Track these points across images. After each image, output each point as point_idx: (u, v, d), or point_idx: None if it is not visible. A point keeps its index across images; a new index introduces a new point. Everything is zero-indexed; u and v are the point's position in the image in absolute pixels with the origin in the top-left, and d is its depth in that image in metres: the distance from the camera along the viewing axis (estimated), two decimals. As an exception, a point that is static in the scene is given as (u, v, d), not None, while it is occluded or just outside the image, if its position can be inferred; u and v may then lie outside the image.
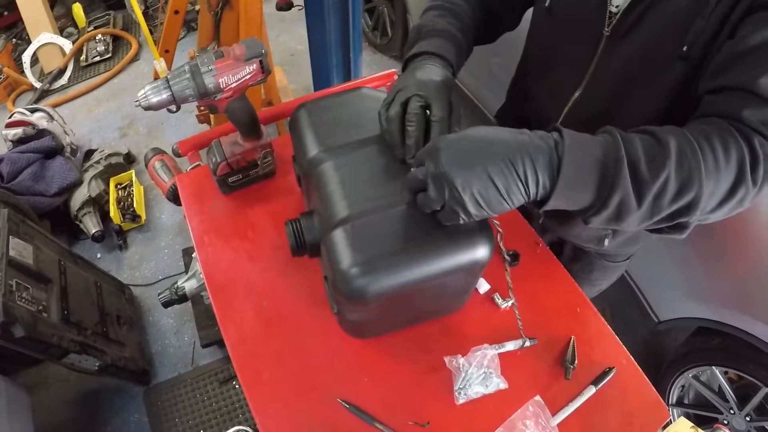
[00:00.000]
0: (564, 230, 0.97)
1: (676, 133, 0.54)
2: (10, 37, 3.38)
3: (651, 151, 0.52)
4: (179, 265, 2.20)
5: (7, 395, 1.52)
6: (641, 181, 0.51)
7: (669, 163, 0.51)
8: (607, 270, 1.05)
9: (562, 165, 0.50)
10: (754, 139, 0.53)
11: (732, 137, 0.53)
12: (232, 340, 0.77)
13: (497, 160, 0.50)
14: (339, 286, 0.59)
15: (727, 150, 0.53)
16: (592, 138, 0.54)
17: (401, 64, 0.77)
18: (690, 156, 0.52)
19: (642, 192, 0.52)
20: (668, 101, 0.71)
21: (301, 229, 0.67)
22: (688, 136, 0.53)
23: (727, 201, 0.55)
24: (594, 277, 1.06)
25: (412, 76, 0.67)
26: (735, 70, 0.57)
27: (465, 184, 0.50)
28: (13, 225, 1.51)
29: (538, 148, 0.51)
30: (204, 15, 1.78)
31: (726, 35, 0.61)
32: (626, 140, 0.53)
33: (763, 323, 1.24)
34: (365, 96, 0.76)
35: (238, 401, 1.80)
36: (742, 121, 0.54)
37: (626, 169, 0.51)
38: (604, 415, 0.72)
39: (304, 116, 0.73)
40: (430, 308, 0.76)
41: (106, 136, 2.81)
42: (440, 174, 0.51)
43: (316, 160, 0.67)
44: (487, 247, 0.60)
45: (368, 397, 0.73)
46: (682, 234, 0.59)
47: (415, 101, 0.63)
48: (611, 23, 0.71)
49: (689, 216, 0.55)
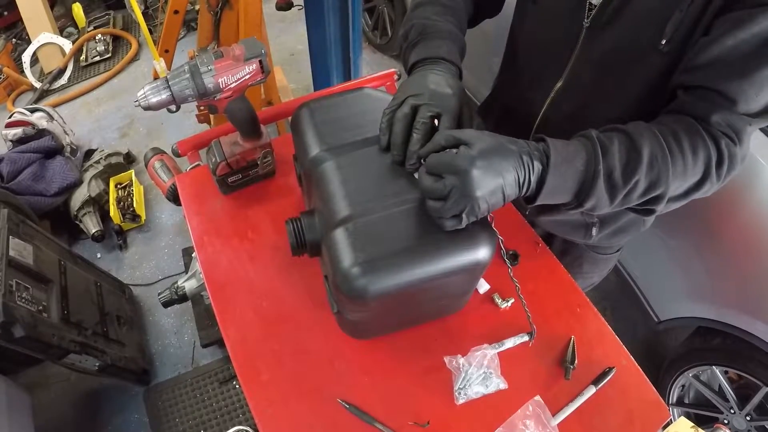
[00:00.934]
0: (546, 221, 0.99)
1: (651, 138, 0.60)
2: (10, 37, 3.38)
3: (626, 158, 0.60)
4: (179, 265, 2.20)
5: (7, 395, 1.52)
6: (614, 186, 0.60)
7: (641, 169, 0.59)
8: (597, 262, 1.06)
9: (548, 176, 0.58)
10: (721, 141, 0.61)
11: (701, 139, 0.60)
12: (232, 340, 0.77)
13: (510, 177, 0.57)
14: (340, 285, 0.59)
15: (695, 153, 0.60)
16: (576, 149, 0.60)
17: (401, 63, 0.77)
18: (660, 161, 0.60)
19: (614, 194, 0.61)
20: (647, 92, 0.72)
21: (301, 228, 0.67)
22: (661, 140, 0.60)
23: (691, 193, 0.64)
24: (585, 270, 1.07)
25: (425, 84, 0.66)
26: (707, 70, 0.61)
27: (484, 201, 0.56)
28: (13, 225, 1.51)
29: (533, 158, 0.58)
30: (204, 15, 1.78)
31: (702, 29, 0.62)
32: (605, 149, 0.60)
33: (763, 323, 1.24)
34: (368, 96, 0.76)
35: (238, 401, 1.80)
36: (711, 123, 0.61)
37: (602, 180, 0.59)
38: (604, 415, 0.72)
39: (306, 115, 0.73)
40: (430, 309, 0.76)
41: (106, 136, 2.81)
42: (467, 195, 0.55)
43: (317, 160, 0.67)
44: (488, 248, 0.60)
45: (368, 397, 0.73)
46: (649, 215, 0.71)
47: (425, 110, 0.63)
48: (591, 15, 0.72)
49: (656, 206, 0.64)
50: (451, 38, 0.75)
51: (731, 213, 1.26)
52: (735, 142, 0.62)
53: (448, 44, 0.74)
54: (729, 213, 1.27)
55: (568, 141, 0.61)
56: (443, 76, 0.68)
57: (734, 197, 1.23)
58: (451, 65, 0.72)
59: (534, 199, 0.60)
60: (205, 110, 1.98)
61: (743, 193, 1.20)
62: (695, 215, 1.33)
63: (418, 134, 0.62)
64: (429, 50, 0.73)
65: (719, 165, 0.61)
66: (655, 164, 0.59)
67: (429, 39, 0.74)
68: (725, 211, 1.27)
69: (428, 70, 0.69)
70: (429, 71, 0.69)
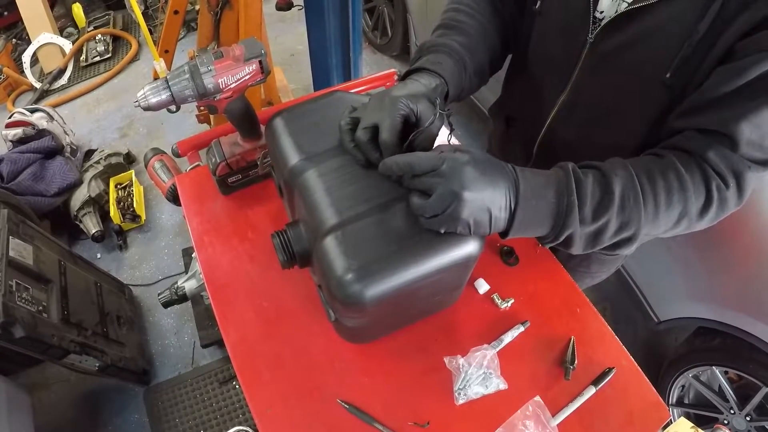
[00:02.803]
0: None
1: (625, 179, 0.59)
2: (10, 37, 3.38)
3: (598, 195, 0.59)
4: (179, 265, 2.20)
5: (7, 395, 1.52)
6: (583, 220, 0.59)
7: (612, 209, 0.59)
8: (605, 262, 1.06)
9: (518, 209, 0.57)
10: (712, 183, 0.60)
11: (684, 180, 0.59)
12: (232, 340, 0.77)
13: (499, 196, 0.55)
14: (335, 293, 0.58)
15: (669, 195, 0.59)
16: (546, 180, 0.59)
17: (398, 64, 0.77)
18: (632, 203, 0.59)
19: (584, 228, 0.60)
20: (650, 117, 0.71)
21: (289, 240, 0.66)
22: (635, 181, 0.59)
23: (670, 230, 0.64)
24: (594, 269, 1.07)
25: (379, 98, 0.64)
26: (708, 113, 0.61)
27: (468, 208, 0.54)
28: (13, 225, 1.51)
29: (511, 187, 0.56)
30: (204, 15, 1.78)
31: (707, 69, 0.61)
32: (579, 182, 0.59)
33: (763, 323, 1.24)
34: (341, 99, 0.74)
35: (238, 401, 1.80)
36: (707, 160, 0.60)
37: (577, 212, 0.58)
38: (604, 415, 0.72)
39: (281, 125, 0.71)
40: (425, 306, 0.76)
41: (106, 136, 2.81)
42: (453, 192, 0.53)
43: (297, 169, 0.66)
44: (477, 241, 0.60)
45: (368, 397, 0.73)
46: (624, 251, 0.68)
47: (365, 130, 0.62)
48: (595, 29, 0.71)
49: (628, 247, 0.64)
50: (441, 51, 0.75)
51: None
52: (728, 185, 0.60)
53: (432, 56, 0.74)
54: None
55: (540, 171, 0.60)
56: (408, 86, 0.67)
57: (734, 197, 1.22)
58: (431, 73, 0.72)
59: (506, 233, 0.59)
60: (205, 110, 1.99)
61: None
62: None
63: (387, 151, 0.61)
64: (411, 66, 0.73)
65: (704, 209, 0.61)
66: (626, 205, 0.59)
67: (418, 58, 0.75)
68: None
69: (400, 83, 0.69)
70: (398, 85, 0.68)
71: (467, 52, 0.77)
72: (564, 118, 0.83)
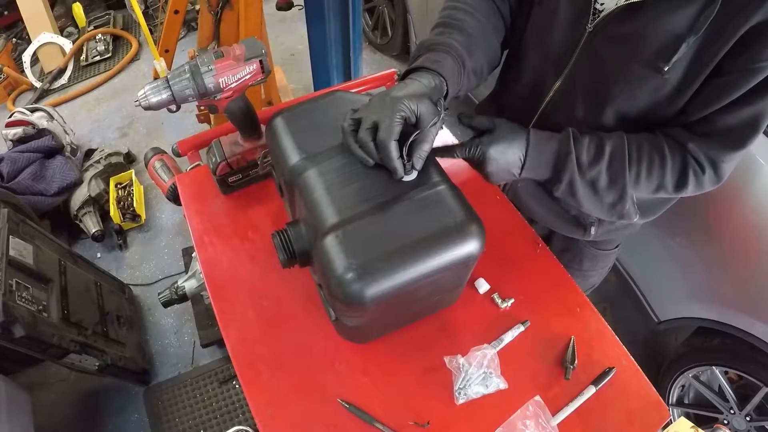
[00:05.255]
0: (546, 217, 0.99)
1: (616, 144, 0.72)
2: (10, 36, 3.38)
3: (593, 151, 0.72)
4: (179, 265, 2.20)
5: (7, 395, 1.52)
6: (581, 166, 0.72)
7: (602, 162, 0.72)
8: (597, 259, 1.07)
9: (529, 149, 0.72)
10: (689, 168, 0.71)
11: (669, 160, 0.71)
12: (232, 340, 0.77)
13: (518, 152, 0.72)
14: (336, 292, 0.58)
15: (651, 168, 0.72)
16: (550, 135, 0.73)
17: (398, 64, 0.77)
18: (618, 163, 0.72)
19: (582, 174, 0.72)
20: (643, 107, 0.73)
21: (289, 240, 0.66)
22: (625, 147, 0.72)
23: (653, 194, 0.76)
24: (585, 267, 1.07)
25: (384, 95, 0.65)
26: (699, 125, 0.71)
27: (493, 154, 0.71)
28: (13, 225, 1.51)
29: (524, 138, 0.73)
30: (204, 15, 1.78)
31: (706, 62, 0.64)
32: (576, 138, 0.72)
33: (763, 323, 1.24)
34: (341, 99, 0.75)
35: (238, 401, 1.80)
36: (687, 150, 0.71)
37: (574, 157, 0.71)
38: (604, 415, 0.72)
39: (281, 124, 0.71)
40: (425, 305, 0.76)
41: (106, 135, 2.81)
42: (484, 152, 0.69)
43: (298, 168, 0.66)
44: (478, 239, 0.61)
45: (368, 397, 0.73)
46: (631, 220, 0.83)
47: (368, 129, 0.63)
48: (595, 19, 0.71)
49: (622, 206, 0.77)
50: (440, 49, 0.75)
51: (731, 213, 1.26)
52: (704, 171, 0.71)
53: (432, 54, 0.74)
54: (729, 213, 1.27)
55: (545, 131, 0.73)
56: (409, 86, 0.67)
57: (734, 197, 1.23)
58: (431, 72, 0.71)
59: (520, 172, 0.72)
60: (205, 110, 1.98)
61: (743, 192, 1.20)
62: (695, 215, 1.33)
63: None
64: (410, 64, 0.74)
65: (679, 186, 0.73)
66: (613, 163, 0.72)
67: (417, 56, 0.75)
68: (725, 210, 1.27)
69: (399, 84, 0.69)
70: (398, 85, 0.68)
71: (466, 51, 0.77)
72: (557, 105, 0.83)
